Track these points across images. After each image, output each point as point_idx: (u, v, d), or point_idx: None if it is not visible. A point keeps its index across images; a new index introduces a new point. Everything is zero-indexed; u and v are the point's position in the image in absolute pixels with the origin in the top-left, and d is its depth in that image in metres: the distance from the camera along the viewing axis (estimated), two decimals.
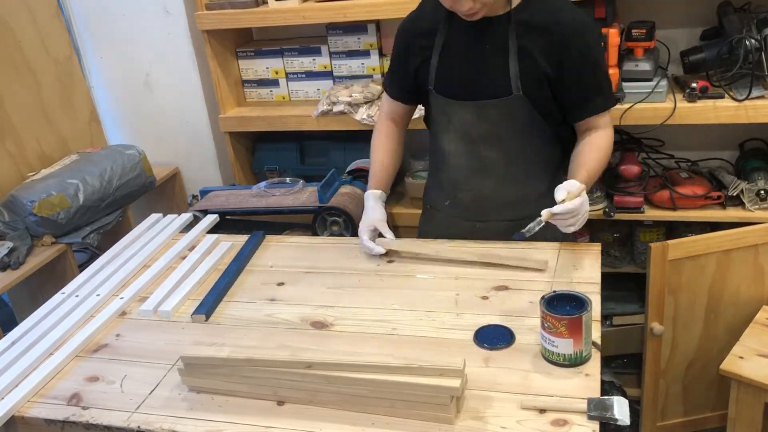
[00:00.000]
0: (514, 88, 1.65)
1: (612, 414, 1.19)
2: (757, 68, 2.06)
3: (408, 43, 1.78)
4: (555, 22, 1.61)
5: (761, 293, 2.07)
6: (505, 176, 1.75)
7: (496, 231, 1.80)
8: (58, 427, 1.37)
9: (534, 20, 1.62)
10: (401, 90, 1.86)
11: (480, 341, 1.42)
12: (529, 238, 1.53)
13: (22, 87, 2.44)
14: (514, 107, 1.67)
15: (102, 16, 2.74)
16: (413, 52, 1.76)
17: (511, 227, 1.74)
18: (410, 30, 1.78)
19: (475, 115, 1.70)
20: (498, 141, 1.72)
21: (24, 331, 1.63)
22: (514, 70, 1.63)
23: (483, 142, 1.73)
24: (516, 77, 1.64)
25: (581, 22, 1.63)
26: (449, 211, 1.86)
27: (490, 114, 1.69)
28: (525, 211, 1.76)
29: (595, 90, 1.67)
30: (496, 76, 1.66)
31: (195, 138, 2.86)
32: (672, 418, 2.27)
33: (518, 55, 1.63)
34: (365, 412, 1.27)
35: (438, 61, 1.72)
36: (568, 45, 1.61)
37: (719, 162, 2.42)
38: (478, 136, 1.73)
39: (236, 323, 1.60)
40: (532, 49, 1.62)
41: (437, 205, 1.90)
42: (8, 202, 2.27)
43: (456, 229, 1.84)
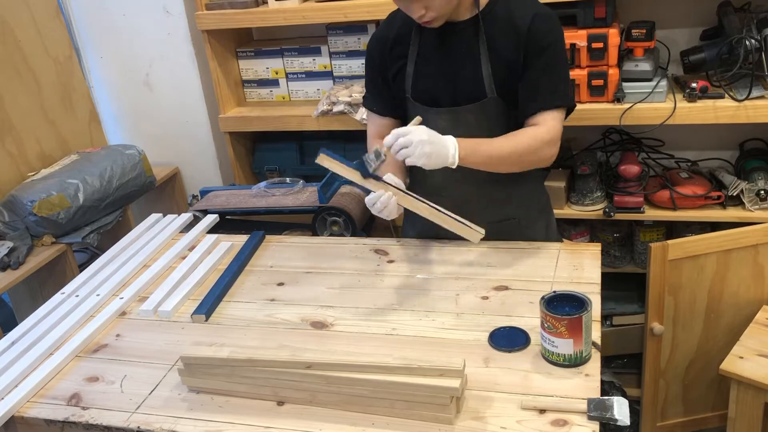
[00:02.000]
0: (488, 91, 1.65)
1: (612, 414, 1.19)
2: (757, 68, 2.06)
3: (382, 54, 1.76)
4: (516, 18, 1.62)
5: (761, 293, 2.07)
6: (486, 179, 1.72)
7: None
8: (58, 427, 1.37)
9: (500, 20, 1.63)
10: (387, 104, 1.82)
11: (496, 344, 1.42)
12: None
13: (22, 87, 2.44)
14: (490, 110, 1.67)
15: (102, 16, 2.74)
16: (389, 63, 1.76)
17: (495, 228, 1.75)
18: (382, 42, 1.76)
19: (451, 121, 1.70)
20: None
21: (24, 331, 1.63)
22: (487, 72, 1.64)
23: None
24: (489, 79, 1.64)
25: (539, 17, 1.62)
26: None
27: (466, 119, 1.69)
28: (508, 211, 1.78)
29: (544, 87, 1.63)
30: (469, 81, 1.66)
31: (195, 138, 2.86)
32: (672, 418, 2.27)
33: (489, 57, 1.63)
34: (365, 413, 1.27)
35: (413, 68, 1.72)
36: (527, 40, 1.60)
37: (719, 162, 2.42)
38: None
39: (236, 323, 1.60)
40: (501, 47, 1.63)
41: None
42: (8, 202, 2.27)
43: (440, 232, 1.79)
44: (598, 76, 2.15)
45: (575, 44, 2.13)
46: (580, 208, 2.32)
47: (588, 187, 2.32)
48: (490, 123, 1.69)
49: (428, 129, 1.54)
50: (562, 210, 2.34)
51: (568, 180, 2.38)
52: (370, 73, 1.83)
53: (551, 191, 2.32)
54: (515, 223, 1.81)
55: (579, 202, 2.33)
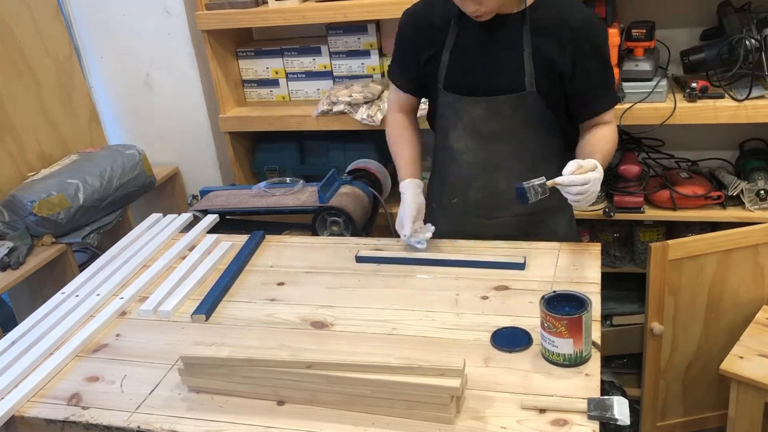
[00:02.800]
0: (528, 85, 1.66)
1: (612, 414, 1.19)
2: (757, 68, 2.06)
3: (418, 34, 1.74)
4: (567, 20, 1.63)
5: (761, 293, 2.07)
6: (516, 171, 1.74)
7: (505, 226, 1.81)
8: (58, 427, 1.37)
9: (546, 18, 1.63)
10: (411, 81, 1.82)
11: (498, 344, 1.42)
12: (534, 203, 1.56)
13: (22, 87, 2.44)
14: (527, 103, 1.68)
15: (102, 16, 2.74)
16: (423, 46, 1.74)
17: (518, 222, 1.77)
18: (419, 22, 1.74)
19: (487, 110, 1.70)
20: (509, 136, 1.72)
21: (24, 331, 1.63)
22: (529, 67, 1.64)
23: (494, 137, 1.73)
24: (530, 74, 1.65)
25: (591, 21, 1.65)
26: (457, 209, 1.84)
27: (502, 110, 1.70)
28: (533, 205, 1.76)
29: (604, 88, 1.70)
30: (509, 73, 1.66)
31: (195, 138, 2.86)
32: (672, 418, 2.27)
33: (532, 53, 1.64)
34: (365, 412, 1.27)
35: (449, 58, 1.71)
36: (580, 43, 1.63)
37: (719, 162, 2.42)
38: (489, 132, 1.72)
39: (236, 323, 1.60)
40: (546, 47, 1.63)
41: (444, 204, 1.88)
42: (8, 202, 2.27)
43: (464, 228, 1.84)
44: None
45: None
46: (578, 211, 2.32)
47: None
48: (525, 116, 1.70)
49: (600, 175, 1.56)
50: None
51: None
52: (400, 47, 1.81)
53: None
54: (539, 217, 1.81)
55: None
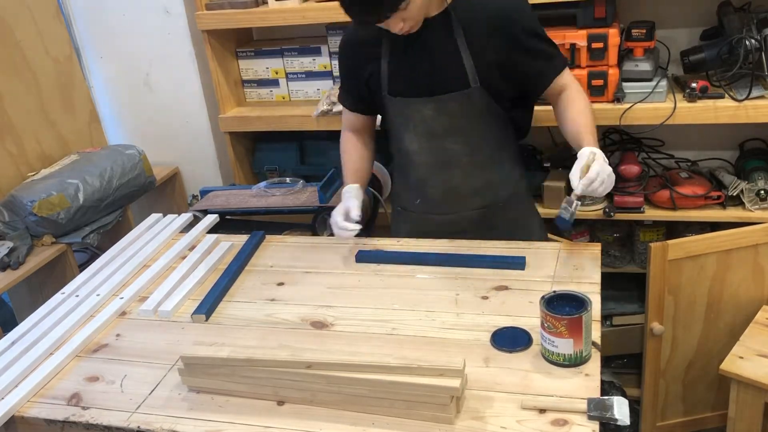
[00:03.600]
0: (472, 81, 1.69)
1: (612, 414, 1.19)
2: (757, 68, 2.06)
3: (354, 54, 1.81)
4: (487, 10, 1.67)
5: (761, 293, 2.07)
6: (471, 165, 1.79)
7: (468, 220, 1.85)
8: (58, 427, 1.37)
9: (469, 13, 1.67)
10: (357, 101, 1.88)
11: (498, 344, 1.42)
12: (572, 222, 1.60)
13: (22, 87, 2.44)
14: (474, 99, 1.71)
15: (102, 16, 2.74)
16: (361, 63, 1.79)
17: (480, 215, 1.83)
18: (352, 45, 1.81)
19: (435, 110, 1.74)
20: (460, 132, 1.76)
21: (24, 331, 1.63)
22: (469, 63, 1.68)
23: (445, 135, 1.76)
24: (472, 70, 1.68)
25: (510, 3, 1.69)
26: (420, 209, 1.89)
27: (450, 107, 1.73)
28: (492, 197, 1.83)
29: (545, 58, 1.72)
30: (452, 72, 1.70)
31: (195, 138, 2.86)
32: (672, 418, 2.27)
33: (469, 49, 1.67)
34: (365, 412, 1.27)
35: (388, 66, 1.75)
36: (509, 26, 1.66)
37: (719, 162, 2.42)
38: (441, 130, 1.76)
39: (236, 323, 1.60)
40: (479, 40, 1.67)
41: (408, 205, 1.93)
42: (8, 202, 2.27)
43: (429, 225, 1.88)
44: (598, 76, 2.15)
45: (575, 44, 2.13)
46: (580, 208, 2.32)
47: None
48: (474, 112, 1.73)
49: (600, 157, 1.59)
50: None
51: (568, 180, 2.37)
52: (342, 73, 1.88)
53: (551, 191, 2.33)
54: (500, 207, 1.85)
55: None
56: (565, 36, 2.13)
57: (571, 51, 2.13)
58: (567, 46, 2.13)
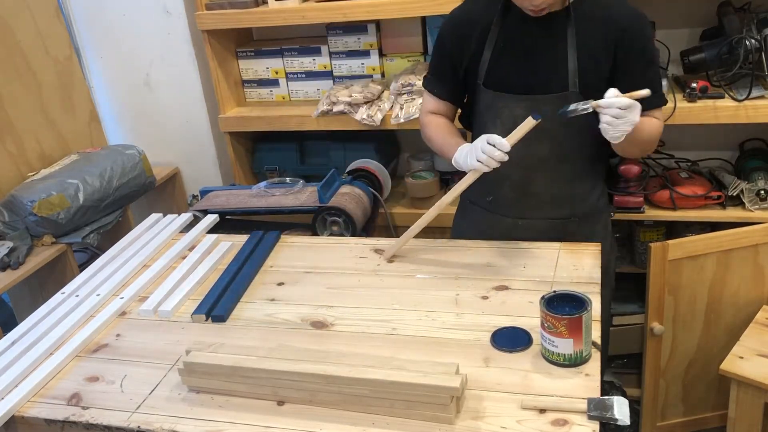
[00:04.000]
0: (571, 85, 1.63)
1: (612, 414, 1.19)
2: (757, 68, 2.06)
3: (460, 32, 1.72)
4: (612, 19, 1.60)
5: (761, 293, 2.07)
6: (553, 173, 1.72)
7: (535, 229, 1.79)
8: (58, 427, 1.37)
9: (590, 14, 1.61)
10: (449, 90, 1.80)
11: (498, 344, 1.41)
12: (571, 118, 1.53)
13: (22, 87, 2.44)
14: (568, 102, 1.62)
15: (102, 16, 2.74)
16: (463, 48, 1.72)
17: (552, 226, 1.75)
18: (460, 25, 1.73)
19: (528, 109, 1.65)
20: (549, 137, 1.69)
21: (24, 331, 1.63)
22: (573, 65, 1.62)
23: (534, 137, 1.67)
24: (574, 73, 1.62)
25: (636, 16, 1.62)
26: (490, 208, 1.83)
27: (543, 109, 1.64)
28: (567, 210, 1.76)
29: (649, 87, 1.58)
30: (553, 72, 1.64)
31: (195, 138, 2.86)
32: (672, 418, 2.27)
33: (577, 51, 1.62)
34: (365, 412, 1.27)
35: (491, 55, 1.69)
36: (624, 42, 1.60)
37: (719, 162, 2.42)
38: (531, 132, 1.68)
39: (236, 323, 1.60)
40: (590, 44, 1.61)
41: (477, 201, 1.87)
42: (8, 202, 2.27)
43: (495, 226, 1.82)
44: None
45: None
46: None
47: None
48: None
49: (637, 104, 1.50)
50: None
51: None
52: (439, 57, 1.79)
53: None
54: (575, 222, 1.78)
55: None
56: None
57: None
58: None
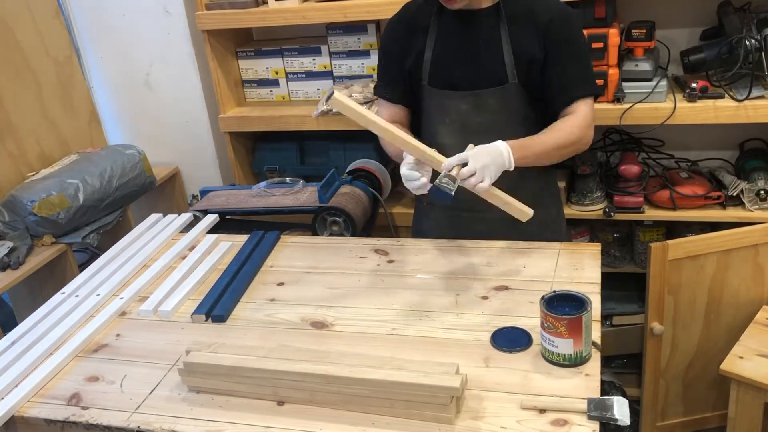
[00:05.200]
0: (510, 77, 1.70)
1: (612, 414, 1.19)
2: (757, 68, 2.06)
3: (399, 41, 1.79)
4: (538, 11, 1.67)
5: (761, 293, 2.07)
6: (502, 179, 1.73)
7: (495, 221, 1.81)
8: (58, 427, 1.37)
9: (519, 10, 1.69)
10: (400, 93, 1.84)
11: (498, 344, 1.41)
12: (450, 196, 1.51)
13: (22, 87, 2.44)
14: (511, 95, 1.71)
15: (102, 16, 2.74)
16: (406, 50, 1.78)
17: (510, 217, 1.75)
18: (399, 30, 1.80)
19: (473, 104, 1.73)
20: (495, 130, 1.73)
21: (24, 331, 1.63)
22: (509, 59, 1.69)
23: (481, 131, 1.74)
24: (511, 65, 1.69)
25: (560, 9, 1.69)
26: (446, 207, 1.82)
27: (487, 103, 1.73)
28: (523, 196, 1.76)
29: (576, 76, 1.70)
30: (491, 66, 1.70)
31: (195, 138, 2.86)
32: (672, 418, 2.27)
33: (511, 45, 1.68)
34: (365, 412, 1.27)
35: (432, 55, 1.74)
36: (551, 32, 1.67)
37: (719, 162, 2.42)
38: (476, 126, 1.75)
39: (236, 323, 1.60)
40: (522, 37, 1.68)
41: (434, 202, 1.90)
42: (8, 202, 2.27)
43: (454, 222, 1.86)
44: (598, 76, 2.14)
45: None
46: (580, 208, 2.32)
47: (588, 187, 2.31)
48: (510, 109, 1.73)
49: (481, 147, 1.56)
50: None
51: (568, 180, 2.38)
52: (385, 62, 1.85)
53: None
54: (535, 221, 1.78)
55: (579, 202, 2.33)
56: None
57: None
58: None
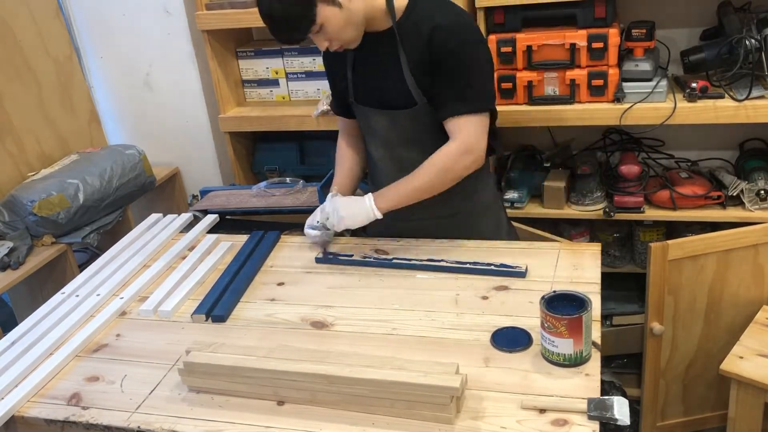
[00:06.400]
0: (417, 99, 1.69)
1: (612, 414, 1.19)
2: (757, 68, 2.06)
3: (330, 60, 1.85)
4: (426, 23, 1.63)
5: (761, 293, 2.07)
6: None
7: (426, 229, 1.86)
8: (58, 427, 1.37)
9: (411, 26, 1.65)
10: (342, 106, 1.91)
11: (498, 344, 1.42)
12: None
13: (22, 87, 2.44)
14: (422, 115, 1.71)
15: (102, 16, 2.74)
16: (335, 69, 1.84)
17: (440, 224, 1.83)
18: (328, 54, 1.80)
19: (390, 122, 1.76)
20: (414, 143, 1.77)
21: (24, 331, 1.63)
22: (411, 81, 1.67)
23: (401, 145, 1.79)
24: (414, 88, 1.68)
25: (450, 22, 1.63)
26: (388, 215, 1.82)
27: (401, 121, 1.75)
28: (451, 207, 1.82)
29: (453, 93, 1.65)
30: (397, 89, 1.70)
31: (195, 138, 2.86)
32: (672, 418, 2.27)
33: (410, 67, 1.66)
34: (365, 412, 1.27)
35: (352, 74, 1.78)
36: (436, 45, 1.62)
37: (719, 162, 2.42)
38: (396, 140, 1.79)
39: (236, 323, 1.60)
40: (417, 56, 1.65)
41: None
42: (8, 202, 2.27)
43: (391, 229, 1.88)
44: (598, 76, 2.15)
45: (575, 44, 2.13)
46: (580, 208, 2.32)
47: (588, 187, 2.32)
48: (425, 125, 1.73)
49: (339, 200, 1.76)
50: (562, 210, 2.34)
51: (568, 180, 2.38)
52: (329, 81, 1.92)
53: (551, 191, 2.33)
54: (461, 217, 1.84)
55: (579, 202, 2.33)
56: (565, 36, 2.13)
57: (571, 51, 2.14)
58: (567, 46, 2.13)
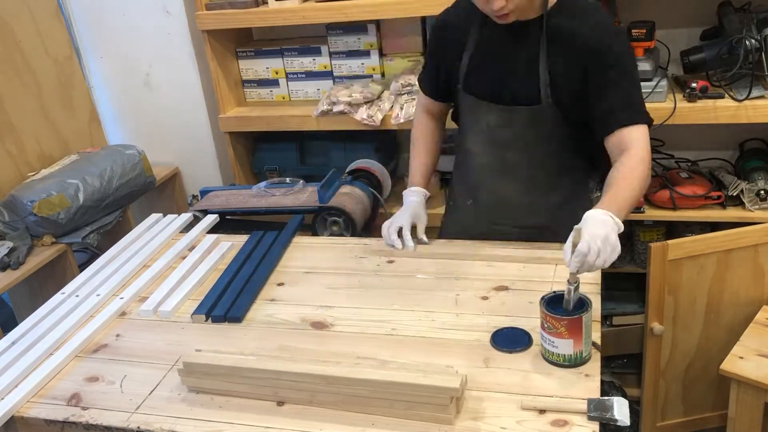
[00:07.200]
0: (544, 97, 1.60)
1: (612, 414, 1.19)
2: (757, 68, 2.06)
3: (443, 38, 1.74)
4: (581, 33, 1.55)
5: (761, 293, 2.07)
6: (527, 182, 1.72)
7: (510, 235, 1.79)
8: (58, 427, 1.37)
9: (564, 27, 1.56)
10: (433, 87, 1.84)
11: (498, 344, 1.41)
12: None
13: (22, 87, 2.44)
14: (544, 116, 1.63)
15: (102, 16, 2.74)
16: (446, 48, 1.73)
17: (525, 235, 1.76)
18: (446, 25, 1.74)
19: (503, 119, 1.67)
20: (523, 146, 1.69)
21: (24, 331, 1.63)
22: (544, 78, 1.59)
23: (508, 145, 1.69)
24: (546, 86, 1.59)
25: (605, 34, 1.55)
26: (471, 211, 1.84)
27: (517, 120, 1.65)
28: (541, 219, 1.75)
29: (620, 102, 1.55)
30: (526, 83, 1.61)
31: (195, 138, 2.86)
32: (672, 418, 2.27)
33: (548, 63, 1.58)
34: (365, 413, 1.27)
35: (469, 60, 1.69)
36: (592, 59, 1.54)
37: (719, 162, 2.42)
38: (504, 140, 1.69)
39: (236, 323, 1.60)
40: (561, 58, 1.57)
41: (459, 202, 1.89)
42: (8, 202, 2.27)
43: (474, 229, 1.83)
44: None
45: None
46: None
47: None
48: (542, 129, 1.65)
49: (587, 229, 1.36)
50: None
51: None
52: (429, 58, 1.84)
53: None
54: (549, 232, 1.74)
55: None
56: None
57: None
58: None
